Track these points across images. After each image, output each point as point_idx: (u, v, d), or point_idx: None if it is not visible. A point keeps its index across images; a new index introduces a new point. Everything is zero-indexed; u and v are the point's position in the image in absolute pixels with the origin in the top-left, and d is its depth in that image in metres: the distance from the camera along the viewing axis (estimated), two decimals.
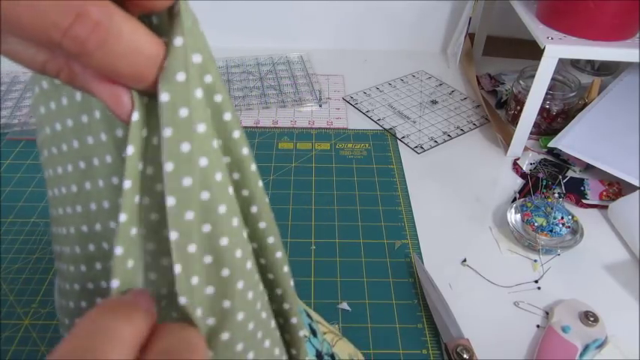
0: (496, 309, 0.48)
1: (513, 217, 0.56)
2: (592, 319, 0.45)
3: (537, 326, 0.47)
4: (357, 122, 0.74)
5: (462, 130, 0.72)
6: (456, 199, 0.61)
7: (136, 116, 0.18)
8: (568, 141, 0.63)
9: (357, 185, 0.62)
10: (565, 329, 0.45)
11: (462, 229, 0.57)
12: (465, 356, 0.43)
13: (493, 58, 0.88)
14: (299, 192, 0.61)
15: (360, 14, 0.87)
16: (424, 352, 0.45)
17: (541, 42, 0.58)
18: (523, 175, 0.64)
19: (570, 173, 0.64)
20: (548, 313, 0.48)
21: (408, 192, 0.61)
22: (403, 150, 0.68)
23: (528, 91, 0.61)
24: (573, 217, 0.55)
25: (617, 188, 0.61)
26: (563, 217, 0.54)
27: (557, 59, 0.58)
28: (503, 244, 0.55)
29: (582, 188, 0.61)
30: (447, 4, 0.86)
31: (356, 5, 0.86)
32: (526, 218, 0.54)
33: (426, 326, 0.47)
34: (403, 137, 0.70)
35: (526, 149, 0.67)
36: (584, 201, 0.60)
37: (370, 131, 0.72)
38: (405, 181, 0.63)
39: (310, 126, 0.72)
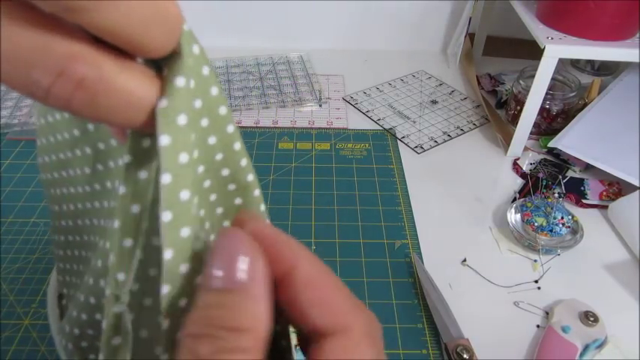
0: (496, 309, 0.48)
1: (513, 217, 0.56)
2: (592, 319, 0.45)
3: (537, 326, 0.47)
4: (357, 122, 0.74)
5: (462, 130, 0.72)
6: (456, 199, 0.61)
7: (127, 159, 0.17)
8: (568, 141, 0.63)
9: (357, 185, 0.62)
10: (565, 329, 0.45)
11: (462, 229, 0.57)
12: (465, 356, 0.43)
13: (493, 58, 0.88)
14: (299, 192, 0.61)
15: (360, 14, 0.87)
16: (424, 352, 0.45)
17: (541, 42, 0.58)
18: (523, 175, 0.64)
19: (570, 173, 0.64)
20: (548, 313, 0.48)
21: (408, 192, 0.61)
22: (403, 150, 0.68)
23: (528, 91, 0.61)
24: (573, 217, 0.55)
25: (617, 188, 0.61)
26: (563, 217, 0.54)
27: (557, 59, 0.58)
28: (503, 244, 0.55)
29: (582, 188, 0.61)
30: (447, 4, 0.86)
31: (356, 5, 0.86)
32: (526, 218, 0.54)
33: (426, 326, 0.47)
34: (403, 137, 0.70)
35: (526, 149, 0.67)
36: (584, 201, 0.59)
37: (370, 131, 0.72)
38: (405, 181, 0.63)
39: (310, 126, 0.72)
